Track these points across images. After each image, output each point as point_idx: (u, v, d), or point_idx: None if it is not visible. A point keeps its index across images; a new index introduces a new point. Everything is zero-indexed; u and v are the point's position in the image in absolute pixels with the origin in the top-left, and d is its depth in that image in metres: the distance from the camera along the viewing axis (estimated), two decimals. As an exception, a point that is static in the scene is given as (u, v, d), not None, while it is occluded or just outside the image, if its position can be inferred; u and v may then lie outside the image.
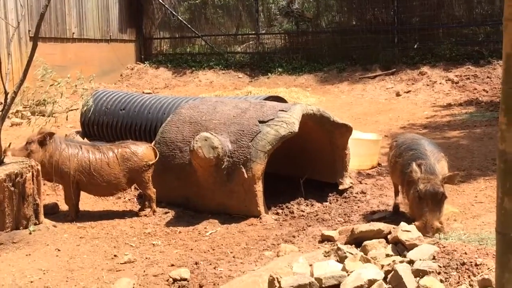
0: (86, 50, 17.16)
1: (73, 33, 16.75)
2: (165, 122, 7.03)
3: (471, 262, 3.63)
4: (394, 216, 5.87)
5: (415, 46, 16.79)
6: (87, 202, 6.82)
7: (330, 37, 18.66)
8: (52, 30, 15.91)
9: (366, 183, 7.22)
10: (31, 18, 14.75)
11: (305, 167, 7.14)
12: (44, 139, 6.13)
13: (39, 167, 5.83)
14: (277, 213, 6.41)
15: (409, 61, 16.49)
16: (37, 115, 8.65)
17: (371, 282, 3.56)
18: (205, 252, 5.25)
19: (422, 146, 5.53)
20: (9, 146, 6.24)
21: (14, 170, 5.51)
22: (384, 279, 3.64)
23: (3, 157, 5.72)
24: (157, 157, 6.42)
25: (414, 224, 4.67)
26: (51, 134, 6.21)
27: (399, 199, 6.07)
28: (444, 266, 3.65)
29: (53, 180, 6.25)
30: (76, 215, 6.33)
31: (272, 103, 6.77)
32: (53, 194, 7.07)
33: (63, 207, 6.55)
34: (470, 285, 3.43)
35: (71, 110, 10.82)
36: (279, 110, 6.34)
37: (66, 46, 16.41)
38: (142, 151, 6.38)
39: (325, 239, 5.20)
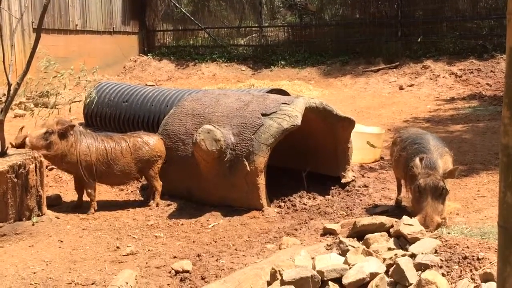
0: (89, 42, 17.15)
1: (76, 25, 16.73)
2: (168, 115, 7.04)
3: (473, 256, 3.63)
4: (397, 210, 5.87)
5: (419, 40, 16.74)
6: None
7: (333, 30, 18.63)
8: (56, 22, 15.90)
9: (368, 177, 7.23)
10: (35, 10, 14.74)
11: (308, 160, 7.15)
12: (66, 131, 6.07)
13: (42, 159, 5.84)
14: (280, 206, 6.42)
15: (413, 54, 16.47)
16: (40, 106, 8.66)
17: (373, 275, 3.57)
18: (207, 245, 5.26)
19: (426, 140, 5.51)
20: (21, 129, 6.21)
21: (17, 162, 5.52)
22: (386, 272, 3.65)
23: (6, 147, 5.73)
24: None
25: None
26: (72, 127, 6.15)
27: (401, 193, 6.07)
28: (446, 260, 3.65)
29: (78, 171, 6.18)
30: (80, 206, 6.37)
31: (275, 96, 6.76)
32: (56, 185, 7.09)
33: (66, 198, 6.57)
34: (472, 279, 3.43)
35: (74, 102, 10.84)
36: (282, 103, 6.34)
37: (69, 38, 16.40)
38: (154, 142, 6.46)
39: (327, 232, 5.21)
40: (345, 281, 3.60)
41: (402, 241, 4.13)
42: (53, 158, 6.08)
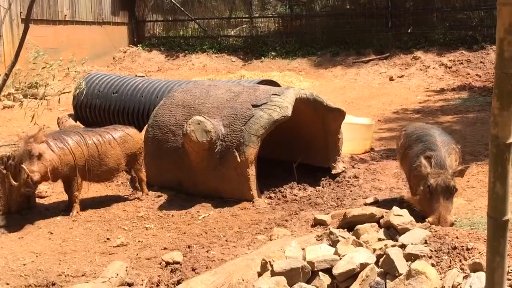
0: (79, 32, 17.04)
1: (65, 15, 16.61)
2: (158, 106, 7.01)
3: (462, 246, 3.65)
4: (387, 201, 5.88)
5: (409, 31, 16.77)
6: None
7: (324, 21, 18.59)
8: (44, 12, 15.77)
9: (358, 168, 7.24)
10: (23, 0, 14.61)
11: (298, 151, 7.15)
12: (39, 136, 5.51)
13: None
14: (270, 197, 6.42)
15: (403, 45, 16.49)
16: (29, 98, 8.57)
17: (363, 265, 3.58)
18: (198, 236, 5.26)
19: (433, 136, 5.33)
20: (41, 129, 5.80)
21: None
22: (376, 263, 3.66)
23: None
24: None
25: (427, 220, 4.55)
26: (40, 129, 5.72)
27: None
28: (435, 250, 3.67)
29: (74, 172, 5.84)
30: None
31: (265, 87, 6.75)
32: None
33: (56, 190, 6.54)
34: (461, 269, 3.45)
35: (64, 93, 10.76)
36: (272, 94, 6.33)
37: (58, 29, 16.28)
38: (135, 134, 6.40)
39: (317, 223, 5.21)
40: (335, 271, 3.61)
41: (392, 231, 4.15)
42: (54, 169, 5.62)
